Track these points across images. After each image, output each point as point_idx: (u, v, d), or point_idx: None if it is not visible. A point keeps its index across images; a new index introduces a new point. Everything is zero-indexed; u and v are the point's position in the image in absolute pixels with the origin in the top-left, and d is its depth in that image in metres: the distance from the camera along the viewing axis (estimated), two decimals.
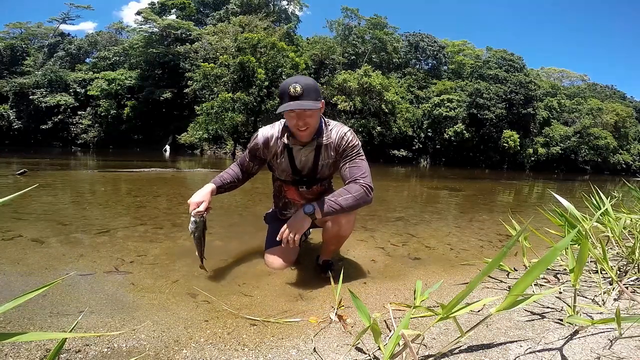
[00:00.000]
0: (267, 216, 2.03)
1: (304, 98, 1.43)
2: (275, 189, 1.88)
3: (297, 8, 32.25)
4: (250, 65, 21.22)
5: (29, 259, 1.77)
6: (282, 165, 1.68)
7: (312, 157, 1.64)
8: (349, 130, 1.63)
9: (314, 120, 1.51)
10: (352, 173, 1.56)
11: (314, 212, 1.48)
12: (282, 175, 1.74)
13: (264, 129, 1.67)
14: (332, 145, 1.61)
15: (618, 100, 36.67)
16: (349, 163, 1.58)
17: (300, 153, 1.64)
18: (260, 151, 1.68)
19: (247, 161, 1.75)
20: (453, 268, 1.99)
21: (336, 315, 1.29)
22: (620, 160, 30.64)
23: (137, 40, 26.73)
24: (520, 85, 26.90)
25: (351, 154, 1.59)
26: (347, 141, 1.59)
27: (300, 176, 1.70)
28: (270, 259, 1.82)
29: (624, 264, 1.83)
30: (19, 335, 0.70)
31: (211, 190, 1.61)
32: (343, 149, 1.60)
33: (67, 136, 26.21)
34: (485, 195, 6.97)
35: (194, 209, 1.53)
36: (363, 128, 23.63)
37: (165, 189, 4.93)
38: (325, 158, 1.64)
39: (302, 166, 1.67)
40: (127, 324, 1.17)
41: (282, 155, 1.65)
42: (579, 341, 1.13)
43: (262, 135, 1.65)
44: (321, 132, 1.59)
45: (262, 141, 1.64)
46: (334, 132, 1.61)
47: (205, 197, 1.57)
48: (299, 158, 1.65)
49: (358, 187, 1.52)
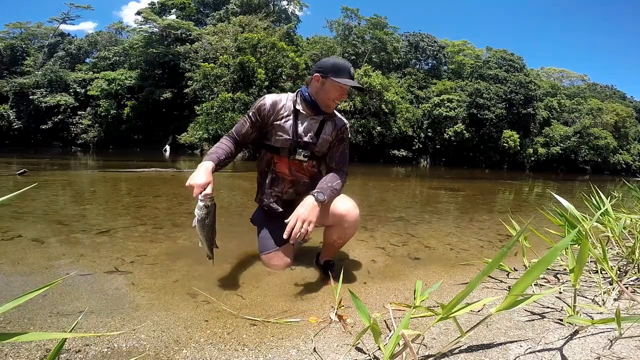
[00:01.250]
0: (254, 218, 1.96)
1: (358, 83, 1.64)
2: (263, 165, 1.79)
3: (297, 8, 32.26)
4: (250, 65, 21.20)
5: (29, 259, 1.77)
6: (284, 127, 1.67)
7: (315, 128, 1.73)
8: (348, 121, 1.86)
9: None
10: (341, 159, 1.80)
11: (325, 198, 1.56)
12: (279, 141, 1.68)
13: (271, 95, 1.73)
14: (336, 127, 1.77)
15: (618, 100, 36.67)
16: (342, 149, 1.81)
17: (306, 121, 1.72)
18: (265, 112, 1.66)
19: (246, 127, 1.69)
20: (453, 268, 1.99)
21: (336, 315, 1.29)
22: (620, 160, 30.63)
23: (137, 40, 26.71)
24: (520, 85, 26.89)
25: (345, 143, 1.82)
26: (347, 130, 1.82)
27: (299, 141, 1.69)
28: (267, 262, 1.81)
29: (624, 264, 1.83)
30: (19, 335, 0.70)
31: (212, 168, 1.50)
32: (342, 137, 1.79)
33: (67, 136, 26.20)
34: (485, 195, 6.97)
35: (200, 192, 1.37)
36: (363, 128, 23.62)
37: (165, 189, 4.93)
38: (327, 134, 1.75)
39: (304, 130, 1.71)
40: (127, 324, 1.17)
41: (287, 119, 1.69)
42: (579, 341, 1.13)
43: (269, 98, 1.70)
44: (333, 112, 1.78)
45: (270, 103, 1.68)
46: (338, 117, 1.80)
47: (210, 176, 1.44)
48: (303, 125, 1.71)
49: (343, 175, 1.76)
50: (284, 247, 1.82)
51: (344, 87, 1.63)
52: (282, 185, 1.79)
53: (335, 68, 1.62)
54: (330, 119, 1.76)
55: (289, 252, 1.86)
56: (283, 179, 1.78)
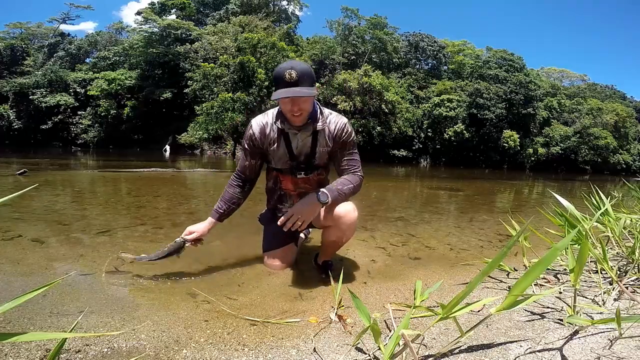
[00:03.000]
0: (261, 217, 1.97)
1: (299, 84, 1.42)
2: (270, 181, 1.82)
3: (297, 8, 32.30)
4: (250, 65, 21.21)
5: (29, 259, 1.77)
6: (279, 152, 1.65)
7: (309, 142, 1.63)
8: (348, 122, 1.67)
9: (307, 105, 1.51)
10: (350, 164, 1.66)
11: (328, 200, 1.51)
12: (278, 163, 1.69)
13: (256, 119, 1.66)
14: (331, 134, 1.62)
15: (618, 100, 36.69)
16: (347, 156, 1.66)
17: (297, 138, 1.62)
18: (257, 141, 1.64)
19: (247, 162, 1.71)
20: (453, 268, 1.99)
21: (336, 315, 1.29)
22: (620, 160, 30.61)
23: (137, 40, 26.73)
24: (520, 85, 26.90)
25: (350, 148, 1.66)
26: (347, 133, 1.63)
27: (298, 162, 1.67)
28: (269, 261, 1.81)
29: (624, 264, 1.83)
30: (19, 335, 0.70)
31: (208, 223, 1.71)
32: (343, 142, 1.64)
33: (67, 136, 26.22)
34: (485, 195, 6.97)
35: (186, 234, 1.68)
36: (363, 128, 23.63)
37: (165, 189, 4.94)
38: (323, 145, 1.64)
39: (298, 151, 1.64)
40: (127, 324, 1.17)
41: (279, 141, 1.63)
42: (579, 341, 1.13)
43: (256, 125, 1.63)
44: (316, 117, 1.59)
45: (258, 130, 1.62)
46: (333, 121, 1.63)
47: (199, 229, 1.69)
48: (295, 143, 1.62)
49: (357, 179, 1.65)
50: (287, 247, 1.83)
51: (283, 101, 1.48)
52: (290, 201, 1.80)
53: (275, 79, 1.47)
54: (322, 128, 1.60)
55: (291, 253, 1.86)
56: (290, 196, 1.80)
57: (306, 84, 1.44)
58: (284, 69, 1.42)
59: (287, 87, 1.42)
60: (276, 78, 1.45)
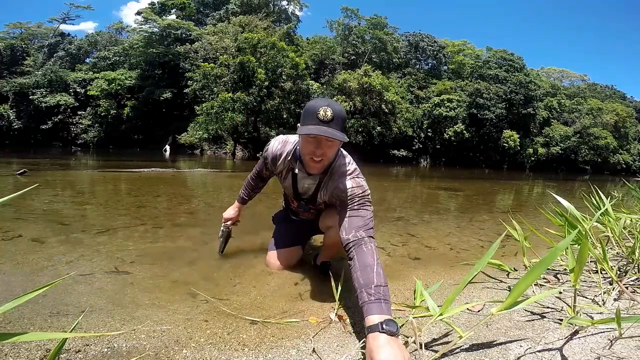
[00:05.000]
0: (275, 217, 2.03)
1: (332, 126, 1.25)
2: (284, 196, 1.90)
3: (297, 8, 32.29)
4: (250, 65, 21.22)
5: (29, 259, 1.77)
6: (285, 183, 1.67)
7: (313, 188, 1.55)
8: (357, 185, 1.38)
9: (332, 152, 1.34)
10: (355, 225, 1.29)
11: (397, 330, 0.98)
12: (285, 190, 1.75)
13: (275, 143, 1.57)
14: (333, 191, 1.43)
15: (618, 100, 36.69)
16: (348, 216, 1.33)
17: (304, 181, 1.55)
18: (269, 164, 1.66)
19: (263, 169, 1.76)
20: (453, 268, 1.99)
21: (336, 315, 1.29)
22: (620, 160, 30.64)
23: (137, 40, 26.72)
24: (520, 85, 26.91)
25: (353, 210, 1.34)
26: (347, 195, 1.37)
27: (301, 199, 1.67)
28: (271, 260, 1.81)
29: (624, 264, 1.83)
30: (19, 335, 0.71)
31: (237, 207, 1.94)
32: (343, 201, 1.38)
33: (67, 136, 26.20)
34: (485, 196, 6.97)
35: (225, 221, 1.93)
36: (363, 128, 23.64)
37: (165, 189, 4.94)
38: (322, 197, 1.53)
39: (303, 192, 1.62)
40: (127, 324, 1.17)
41: (287, 175, 1.61)
42: (579, 341, 1.13)
43: (271, 152, 1.59)
44: (329, 170, 1.45)
45: (271, 158, 1.61)
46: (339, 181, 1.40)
47: (233, 214, 1.93)
48: (301, 184, 1.58)
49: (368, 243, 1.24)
50: (294, 248, 1.84)
51: (308, 138, 1.30)
52: (305, 214, 1.81)
53: (304, 114, 1.29)
54: (330, 180, 1.45)
55: (296, 256, 1.86)
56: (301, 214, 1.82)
57: (339, 128, 1.28)
58: (320, 105, 1.25)
59: (318, 124, 1.24)
60: (308, 112, 1.27)
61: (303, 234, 1.93)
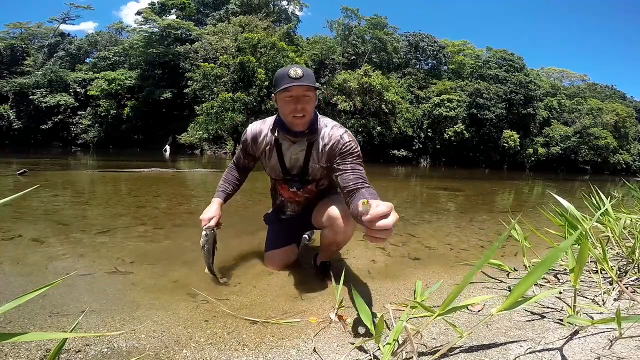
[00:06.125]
0: (266, 217, 2.00)
1: (304, 81, 1.38)
2: (271, 187, 1.86)
3: (297, 8, 32.30)
4: (250, 65, 21.23)
5: (29, 259, 1.77)
6: (271, 162, 1.64)
7: (302, 157, 1.56)
8: (346, 132, 1.51)
9: (310, 107, 1.44)
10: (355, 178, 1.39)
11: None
12: (272, 173, 1.70)
13: (253, 124, 1.64)
14: (325, 148, 1.51)
15: (618, 100, 36.69)
16: (349, 170, 1.42)
17: (290, 151, 1.57)
18: (249, 147, 1.66)
19: (241, 158, 1.75)
20: (453, 268, 1.99)
21: (336, 315, 1.29)
22: (620, 160, 30.63)
23: (137, 40, 26.73)
24: (520, 85, 26.91)
25: (350, 161, 1.45)
26: (343, 144, 1.47)
27: (291, 175, 1.64)
28: (270, 261, 1.81)
29: (624, 264, 1.83)
30: (19, 335, 0.70)
31: (219, 204, 1.67)
32: (342, 153, 1.46)
33: (67, 136, 26.21)
34: (485, 195, 6.97)
35: (205, 224, 1.58)
36: (363, 128, 23.63)
37: (165, 189, 4.94)
38: (316, 161, 1.56)
39: (291, 165, 1.61)
40: (127, 324, 1.17)
41: (271, 153, 1.61)
42: (579, 341, 1.13)
43: (250, 132, 1.62)
44: (315, 129, 1.51)
45: (251, 137, 1.62)
46: (327, 134, 1.51)
47: (214, 212, 1.62)
48: (288, 156, 1.58)
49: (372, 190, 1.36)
50: (289, 247, 1.84)
51: (287, 93, 1.40)
52: (292, 206, 1.82)
53: (276, 80, 1.44)
54: (317, 140, 1.52)
55: (293, 254, 1.86)
56: (291, 202, 1.81)
57: (311, 82, 1.41)
58: (289, 68, 1.40)
59: (292, 82, 1.38)
60: (280, 76, 1.41)
61: (295, 231, 1.92)
